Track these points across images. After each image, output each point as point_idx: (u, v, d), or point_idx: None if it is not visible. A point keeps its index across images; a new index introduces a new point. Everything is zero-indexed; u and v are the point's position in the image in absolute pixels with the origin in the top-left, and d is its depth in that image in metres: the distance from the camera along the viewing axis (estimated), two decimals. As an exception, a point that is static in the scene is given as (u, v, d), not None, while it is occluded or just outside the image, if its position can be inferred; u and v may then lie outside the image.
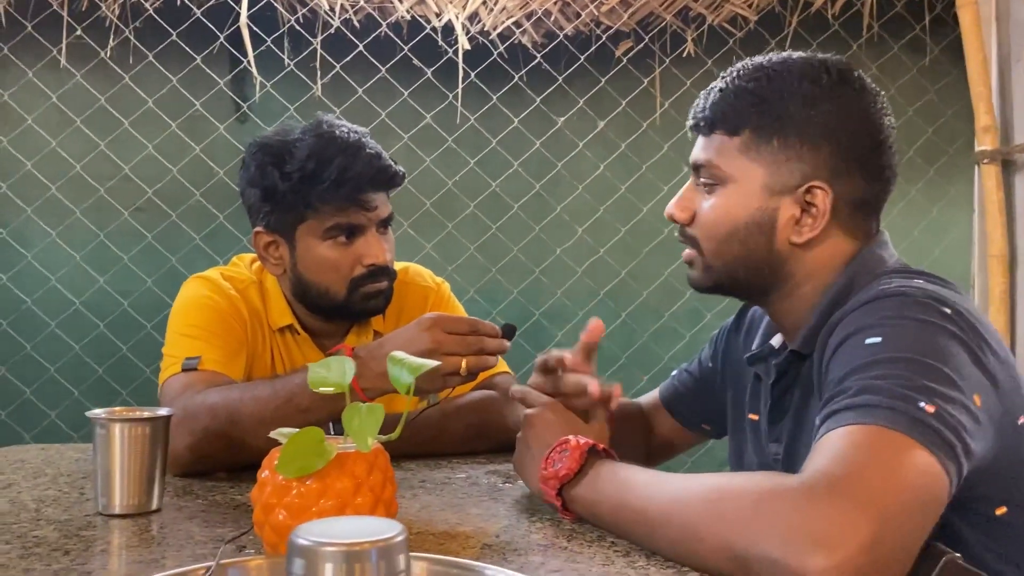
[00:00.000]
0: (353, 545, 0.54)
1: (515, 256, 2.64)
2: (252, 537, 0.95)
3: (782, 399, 1.14)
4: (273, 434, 0.88)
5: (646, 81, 2.70)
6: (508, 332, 1.21)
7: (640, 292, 2.70)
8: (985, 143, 2.60)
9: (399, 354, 0.90)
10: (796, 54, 1.13)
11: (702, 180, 1.13)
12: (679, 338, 2.72)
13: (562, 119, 2.66)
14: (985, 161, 2.60)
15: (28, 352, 2.43)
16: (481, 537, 0.97)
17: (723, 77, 1.14)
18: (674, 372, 1.45)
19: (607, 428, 1.16)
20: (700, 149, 1.14)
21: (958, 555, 0.85)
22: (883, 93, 1.12)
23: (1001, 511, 0.96)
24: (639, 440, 1.42)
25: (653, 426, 1.44)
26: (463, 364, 1.15)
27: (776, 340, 1.20)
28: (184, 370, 1.32)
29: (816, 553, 0.76)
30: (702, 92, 1.16)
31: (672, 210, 1.16)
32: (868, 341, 0.92)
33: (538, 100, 2.64)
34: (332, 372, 0.87)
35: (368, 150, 1.39)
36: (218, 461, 1.25)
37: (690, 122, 1.16)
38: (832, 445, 0.84)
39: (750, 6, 2.70)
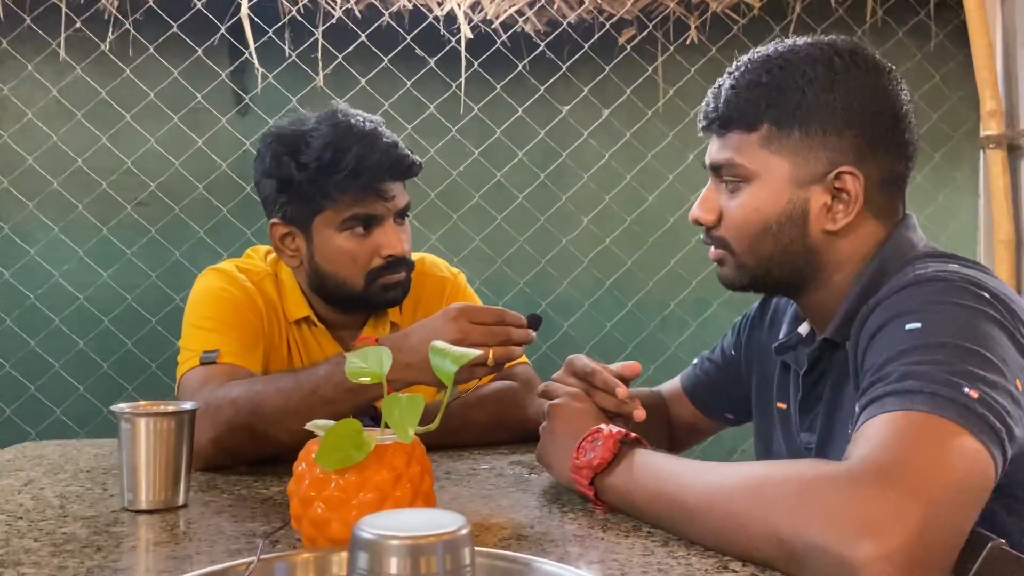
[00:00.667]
0: (419, 538, 0.53)
1: (521, 247, 2.63)
2: (283, 531, 0.94)
3: (814, 388, 1.13)
4: (308, 426, 0.86)
5: (650, 69, 2.69)
6: (533, 322, 1.20)
7: (646, 282, 2.69)
8: (991, 128, 2.60)
9: (440, 344, 0.88)
10: (800, 40, 1.11)
11: (725, 179, 1.11)
12: (685, 327, 2.71)
13: (566, 108, 2.65)
14: (991, 146, 2.60)
15: (32, 348, 2.42)
16: (516, 528, 0.96)
17: (730, 73, 1.11)
18: (695, 361, 1.44)
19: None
20: (718, 149, 1.11)
21: (1003, 541, 0.85)
22: (894, 68, 1.11)
23: (1040, 496, 0.95)
24: (661, 429, 1.41)
25: (674, 415, 1.43)
26: (490, 355, 1.13)
27: (803, 328, 1.19)
28: (203, 363, 1.31)
29: (865, 541, 0.75)
30: (710, 91, 1.13)
31: (697, 213, 1.13)
32: (908, 327, 0.91)
33: (542, 89, 2.63)
34: (369, 362, 0.85)
35: (385, 139, 1.38)
36: (241, 454, 1.23)
37: (702, 123, 1.14)
38: (877, 431, 0.83)
39: (754, -8, 2.69)
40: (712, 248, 1.15)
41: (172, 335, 2.45)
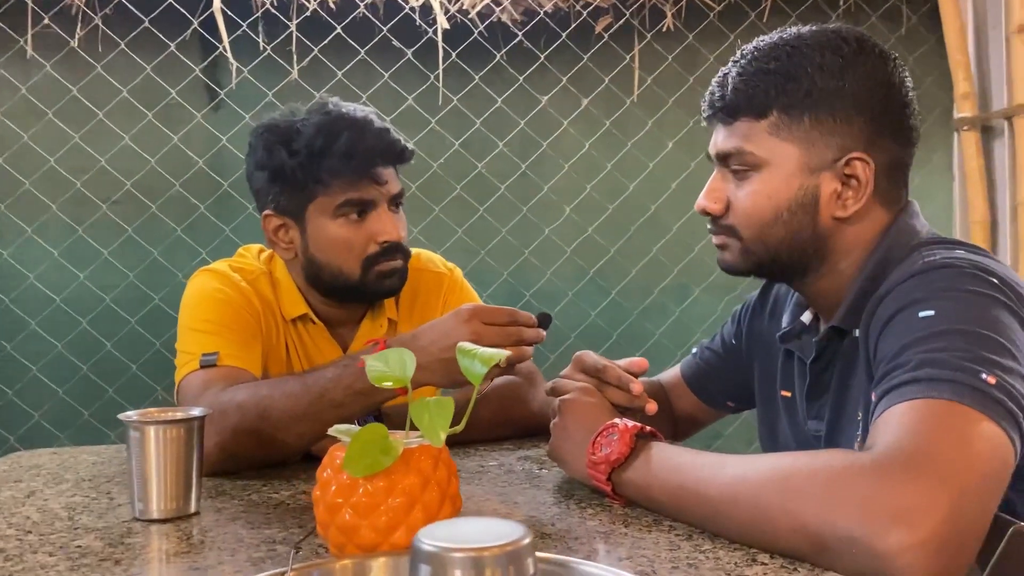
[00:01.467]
0: (483, 550, 0.52)
1: (504, 238, 2.62)
2: (306, 538, 0.93)
3: (821, 376, 1.14)
4: (331, 431, 0.85)
5: (628, 57, 2.69)
6: (544, 321, 1.19)
7: (629, 269, 2.70)
8: (964, 110, 2.63)
9: (468, 345, 0.88)
10: (805, 28, 1.11)
11: (734, 168, 1.10)
12: (668, 314, 2.73)
13: (545, 97, 2.64)
14: (965, 128, 2.63)
15: (8, 352, 2.37)
16: (538, 527, 0.96)
17: (735, 62, 1.11)
18: (694, 350, 1.44)
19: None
20: (725, 138, 1.10)
21: (1023, 524, 0.86)
22: (897, 55, 1.11)
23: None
24: (663, 419, 1.40)
25: (675, 404, 1.44)
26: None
27: (806, 316, 1.20)
28: (203, 366, 1.29)
29: (897, 530, 0.75)
30: (714, 80, 1.12)
31: (704, 203, 1.13)
32: (921, 314, 0.92)
33: (521, 79, 2.61)
34: (391, 366, 0.84)
35: (376, 125, 1.37)
36: (247, 459, 1.21)
37: (706, 112, 1.13)
38: (899, 420, 0.84)
39: (729, -22, 2.70)
40: (714, 234, 1.15)
41: (152, 335, 2.42)
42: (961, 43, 2.62)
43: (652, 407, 1.14)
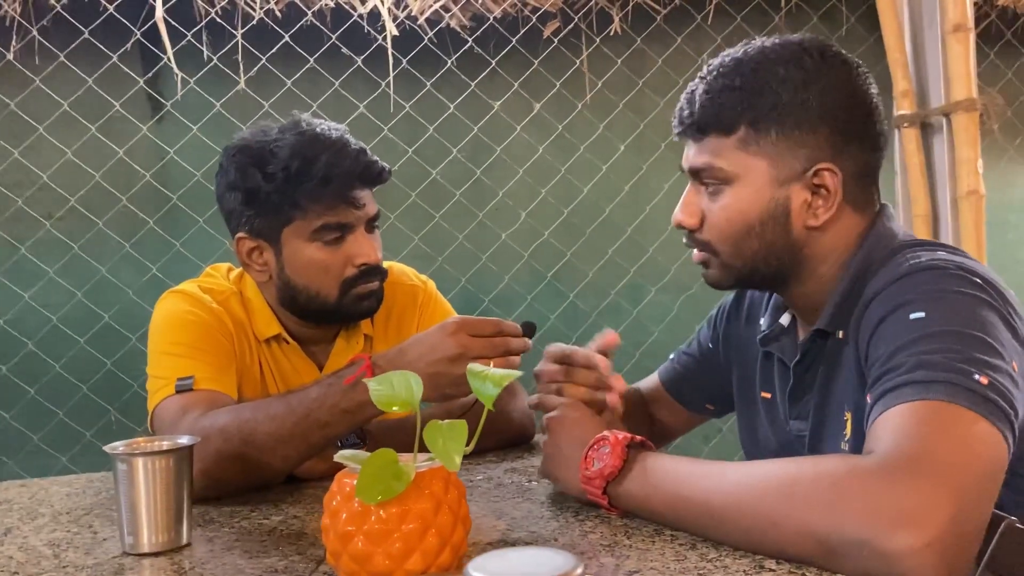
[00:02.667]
0: (538, 581, 0.52)
1: (460, 244, 2.61)
2: (309, 566, 0.91)
3: (804, 377, 1.16)
4: (337, 457, 0.84)
5: (578, 62, 2.70)
6: (528, 330, 1.19)
7: (585, 272, 2.72)
8: (904, 107, 2.69)
9: (477, 366, 0.87)
10: (768, 41, 1.13)
11: (705, 182, 1.12)
12: (626, 315, 2.75)
13: (498, 103, 2.64)
14: (905, 125, 2.70)
15: (-48, 378, 2.28)
16: (541, 543, 0.96)
17: (702, 78, 1.12)
18: (672, 356, 1.46)
19: (619, 419, 1.18)
20: (695, 154, 1.12)
21: (1015, 519, 0.89)
22: (861, 62, 1.14)
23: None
24: (642, 425, 1.43)
25: (655, 410, 1.45)
26: (491, 367, 1.12)
27: (785, 319, 1.22)
28: (178, 391, 1.25)
29: (905, 532, 0.77)
30: (683, 96, 1.14)
31: (680, 217, 1.14)
32: (912, 316, 0.94)
33: (472, 84, 2.61)
34: (398, 389, 0.83)
35: (353, 146, 1.35)
36: (231, 485, 1.19)
37: (677, 129, 1.14)
38: (898, 423, 0.86)
39: (674, -18, 2.73)
40: (696, 251, 1.16)
41: (102, 355, 2.36)
42: (899, 42, 2.69)
43: (620, 384, 1.15)
